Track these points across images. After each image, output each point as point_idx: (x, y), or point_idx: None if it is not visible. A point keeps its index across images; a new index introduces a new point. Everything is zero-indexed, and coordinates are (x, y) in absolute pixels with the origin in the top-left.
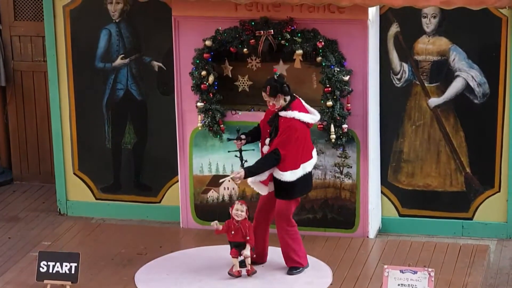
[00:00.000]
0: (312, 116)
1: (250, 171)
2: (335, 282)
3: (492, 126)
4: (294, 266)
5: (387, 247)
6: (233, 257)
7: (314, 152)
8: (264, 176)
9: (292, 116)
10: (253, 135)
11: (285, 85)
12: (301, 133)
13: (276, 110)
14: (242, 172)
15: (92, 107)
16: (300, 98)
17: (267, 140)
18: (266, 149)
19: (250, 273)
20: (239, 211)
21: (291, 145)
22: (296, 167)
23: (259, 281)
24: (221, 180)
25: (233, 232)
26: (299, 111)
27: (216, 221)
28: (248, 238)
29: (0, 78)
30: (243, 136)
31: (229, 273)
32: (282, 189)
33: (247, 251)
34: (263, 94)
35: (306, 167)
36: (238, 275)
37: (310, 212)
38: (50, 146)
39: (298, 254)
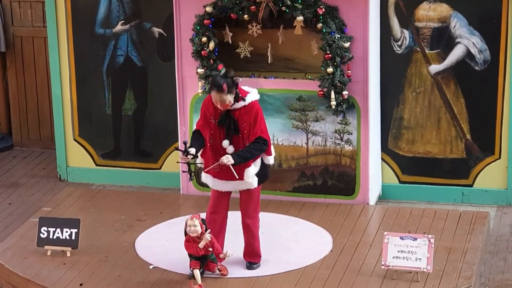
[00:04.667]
0: (256, 92)
1: (239, 156)
2: (335, 249)
3: (492, 93)
4: (253, 262)
5: (387, 213)
6: (193, 268)
7: None
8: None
9: (250, 101)
10: (199, 145)
11: (234, 77)
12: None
13: (231, 105)
14: (231, 158)
15: (92, 73)
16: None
17: (226, 142)
18: (231, 149)
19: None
20: (191, 226)
21: (265, 127)
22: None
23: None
24: (206, 169)
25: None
26: (247, 93)
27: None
28: (212, 250)
29: (0, 44)
30: (192, 151)
31: None
32: (261, 174)
33: (223, 255)
34: (218, 95)
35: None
36: None
37: (310, 178)
38: (50, 112)
39: (259, 247)
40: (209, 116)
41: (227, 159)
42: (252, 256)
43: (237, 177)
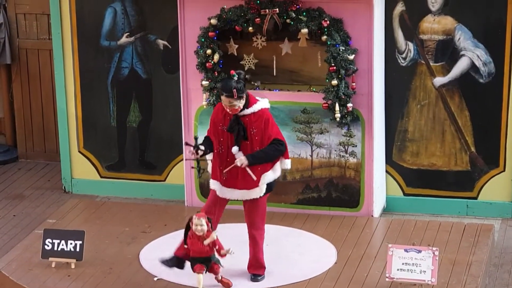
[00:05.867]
0: (267, 101)
1: (254, 157)
2: (340, 261)
3: (497, 106)
4: (258, 274)
5: (391, 226)
6: (198, 272)
7: None
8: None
9: (260, 108)
10: (208, 146)
11: (246, 75)
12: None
13: (239, 111)
14: (244, 160)
15: (97, 85)
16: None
17: (235, 148)
18: (240, 156)
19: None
20: (198, 225)
21: (279, 131)
22: None
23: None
24: (225, 171)
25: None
26: (257, 101)
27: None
28: (217, 247)
29: (5, 56)
30: (202, 147)
31: None
32: (269, 184)
33: (224, 252)
34: (227, 100)
35: None
36: None
37: (315, 191)
38: (55, 124)
39: (263, 258)
40: (218, 123)
41: (241, 162)
42: (256, 268)
43: (255, 178)
